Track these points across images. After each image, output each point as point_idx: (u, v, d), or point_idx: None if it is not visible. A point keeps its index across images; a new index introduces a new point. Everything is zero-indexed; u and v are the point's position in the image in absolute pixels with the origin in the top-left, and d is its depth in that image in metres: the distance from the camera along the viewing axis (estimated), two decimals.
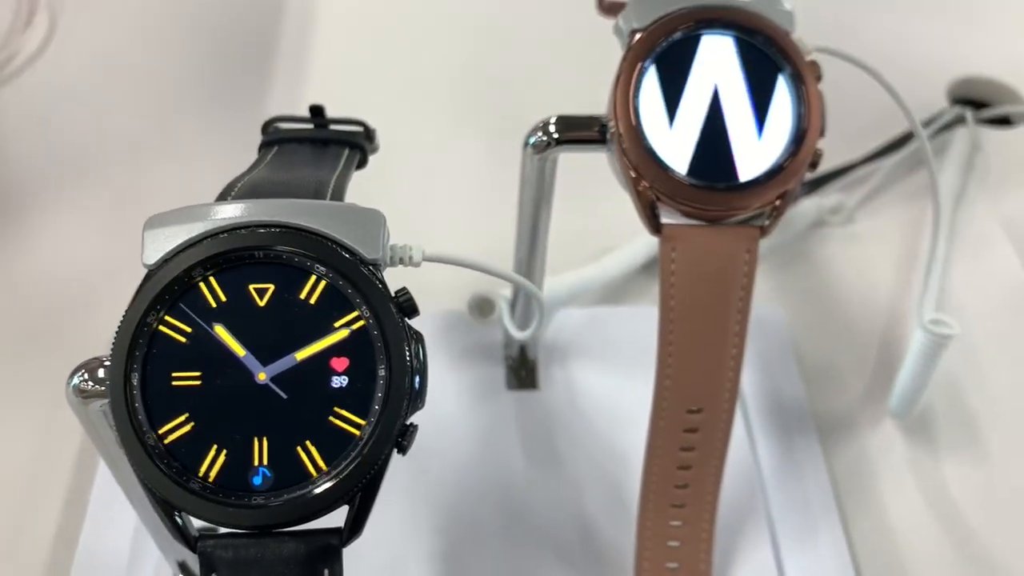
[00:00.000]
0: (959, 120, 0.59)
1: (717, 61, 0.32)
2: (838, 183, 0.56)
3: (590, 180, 0.49)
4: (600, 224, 0.53)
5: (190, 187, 0.57)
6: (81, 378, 0.28)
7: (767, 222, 0.33)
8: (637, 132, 0.32)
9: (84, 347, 0.47)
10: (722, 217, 0.32)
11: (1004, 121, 0.62)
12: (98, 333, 0.49)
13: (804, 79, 0.32)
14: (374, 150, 0.38)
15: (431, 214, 0.53)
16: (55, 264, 0.52)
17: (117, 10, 0.66)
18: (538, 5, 0.67)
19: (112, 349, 0.25)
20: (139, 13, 0.66)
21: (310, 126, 0.36)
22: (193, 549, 0.26)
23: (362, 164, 0.36)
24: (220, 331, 0.25)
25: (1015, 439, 0.46)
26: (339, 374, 0.25)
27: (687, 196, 0.32)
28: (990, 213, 0.56)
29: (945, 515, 0.44)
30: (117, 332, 0.25)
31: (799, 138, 0.32)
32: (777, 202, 0.32)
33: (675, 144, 0.32)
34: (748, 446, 0.44)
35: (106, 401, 0.28)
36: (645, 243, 0.52)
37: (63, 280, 0.52)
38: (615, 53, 0.38)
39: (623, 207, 0.52)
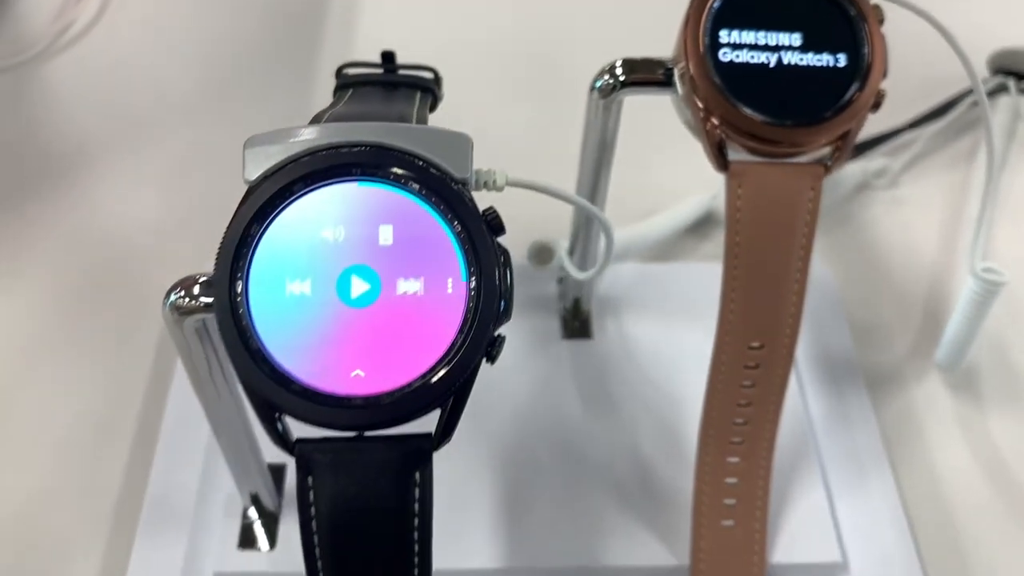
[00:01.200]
0: (1001, 88, 0.60)
1: (784, 3, 0.33)
2: (883, 148, 0.57)
3: (641, 141, 0.50)
4: (649, 185, 0.54)
5: (242, 150, 0.58)
6: (178, 295, 0.29)
7: (830, 161, 0.34)
8: (707, 70, 0.33)
9: (142, 294, 0.49)
10: (789, 154, 0.33)
11: None
12: (156, 281, 0.50)
13: (868, 20, 0.33)
14: (440, 97, 0.39)
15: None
16: (114, 219, 0.54)
17: None
18: None
19: (217, 259, 0.26)
20: None
21: (382, 71, 0.37)
22: (291, 453, 0.27)
23: (433, 108, 0.37)
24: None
25: None
26: None
27: (756, 132, 0.32)
28: None
29: (991, 465, 0.45)
30: (221, 243, 0.26)
31: (864, 76, 0.33)
32: (840, 141, 0.33)
33: (744, 82, 0.33)
34: (799, 396, 0.45)
35: (200, 317, 0.29)
36: (693, 204, 0.53)
37: (122, 234, 0.53)
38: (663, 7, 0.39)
39: (672, 169, 0.54)
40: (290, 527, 0.40)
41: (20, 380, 0.47)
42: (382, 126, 0.28)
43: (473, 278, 0.26)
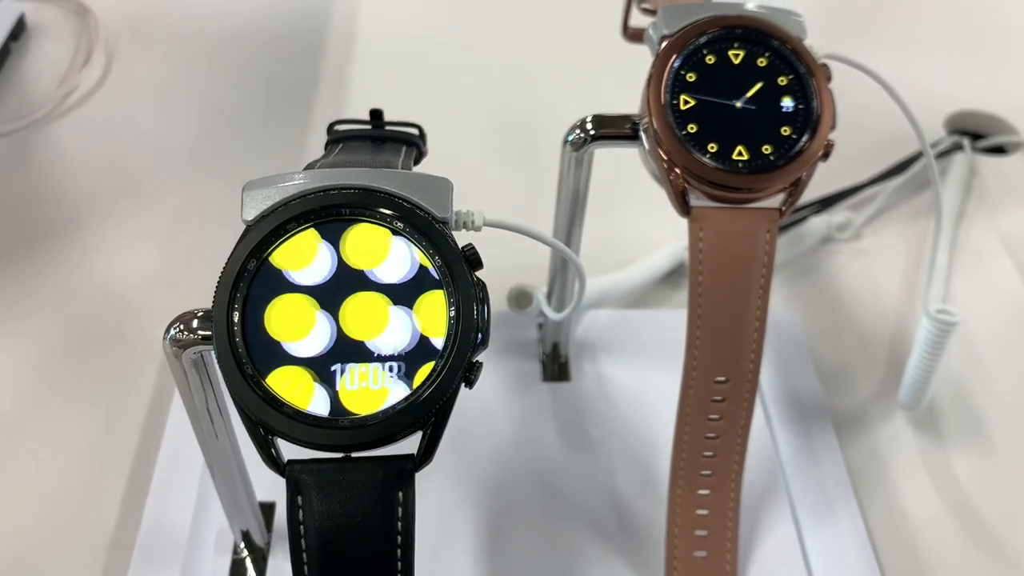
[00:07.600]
0: (957, 147, 0.64)
1: (738, 61, 0.36)
2: (846, 203, 0.60)
3: (614, 198, 0.53)
4: (624, 238, 0.57)
5: (237, 206, 0.61)
6: (177, 329, 0.31)
7: (784, 207, 0.37)
8: (670, 124, 0.36)
9: (137, 343, 0.51)
10: (746, 199, 0.36)
11: (999, 150, 0.66)
12: (151, 331, 0.52)
13: (816, 77, 0.36)
14: (425, 152, 0.41)
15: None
16: (112, 273, 0.56)
17: (166, 49, 0.71)
18: (560, 44, 0.72)
19: (216, 291, 0.28)
20: (188, 52, 0.71)
21: (370, 127, 0.40)
22: (282, 474, 0.28)
23: (417, 161, 0.40)
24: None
25: (1016, 433, 0.49)
26: None
27: (714, 179, 0.35)
28: (988, 229, 0.60)
29: (954, 500, 0.47)
30: (220, 277, 0.28)
31: (813, 127, 0.36)
32: (793, 187, 0.36)
33: (704, 134, 0.36)
34: (768, 436, 0.47)
35: (198, 348, 0.31)
36: (665, 254, 0.55)
37: (120, 287, 0.55)
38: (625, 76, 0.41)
39: (644, 223, 0.57)
40: (278, 562, 0.41)
41: (19, 426, 0.48)
42: (369, 171, 0.30)
43: (453, 308, 0.29)
